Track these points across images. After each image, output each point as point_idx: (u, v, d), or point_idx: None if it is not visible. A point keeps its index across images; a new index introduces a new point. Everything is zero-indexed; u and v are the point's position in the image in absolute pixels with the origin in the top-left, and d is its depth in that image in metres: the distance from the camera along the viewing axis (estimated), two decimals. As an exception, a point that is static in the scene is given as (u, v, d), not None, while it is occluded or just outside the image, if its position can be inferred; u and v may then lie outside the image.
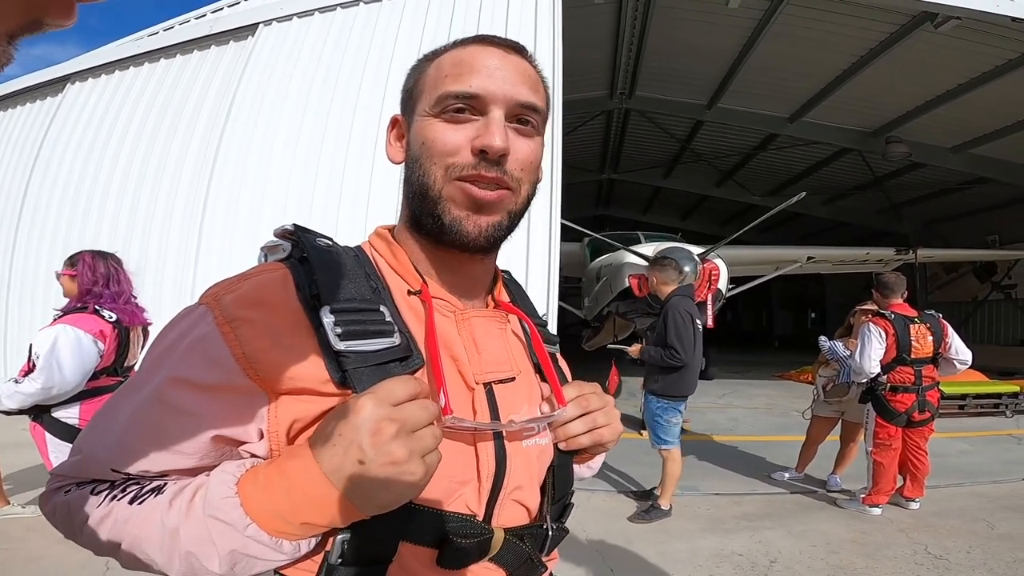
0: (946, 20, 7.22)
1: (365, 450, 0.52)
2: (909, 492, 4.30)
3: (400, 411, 0.54)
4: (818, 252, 11.70)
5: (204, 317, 0.61)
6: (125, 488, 0.61)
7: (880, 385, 4.16)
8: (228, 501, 0.55)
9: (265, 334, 0.59)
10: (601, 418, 0.80)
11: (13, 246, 8.09)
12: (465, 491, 0.67)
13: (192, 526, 0.56)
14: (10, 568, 2.91)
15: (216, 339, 0.59)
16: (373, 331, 0.62)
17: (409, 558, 0.62)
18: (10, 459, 4.17)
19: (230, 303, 0.60)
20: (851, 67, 9.41)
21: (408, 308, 0.69)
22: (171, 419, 0.59)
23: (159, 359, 0.63)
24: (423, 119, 0.70)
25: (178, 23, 8.30)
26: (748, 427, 7.33)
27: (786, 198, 6.86)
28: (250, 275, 0.64)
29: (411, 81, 0.75)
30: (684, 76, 10.78)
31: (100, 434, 0.64)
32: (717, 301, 7.43)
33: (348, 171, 6.06)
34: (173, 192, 6.94)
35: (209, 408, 0.59)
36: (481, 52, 0.70)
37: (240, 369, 0.58)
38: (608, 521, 3.95)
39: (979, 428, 7.29)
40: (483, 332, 0.74)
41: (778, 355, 18.70)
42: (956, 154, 11.91)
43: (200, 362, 0.59)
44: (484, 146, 0.66)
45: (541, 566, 0.74)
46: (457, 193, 0.67)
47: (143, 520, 0.58)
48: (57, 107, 8.62)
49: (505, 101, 0.68)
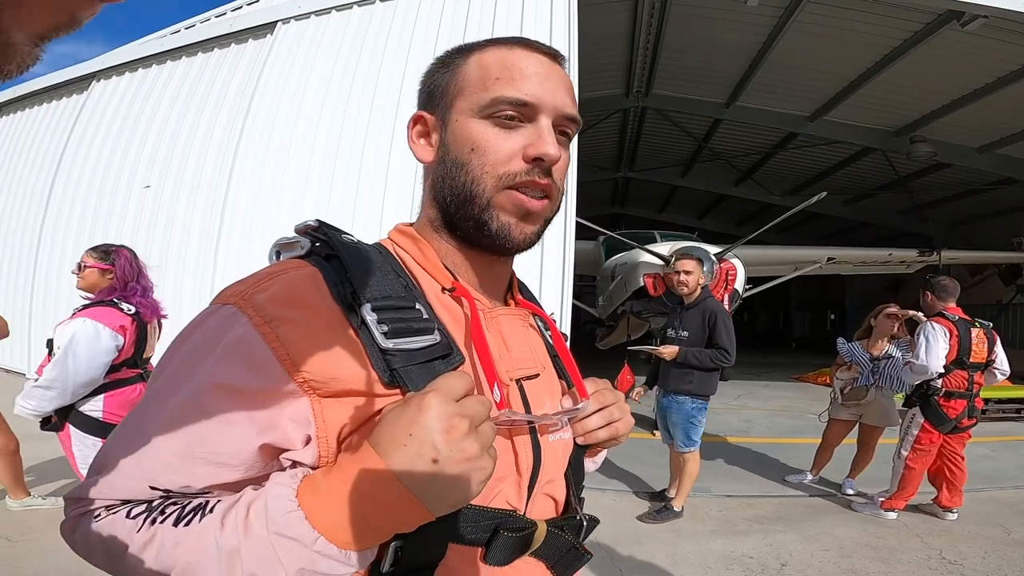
0: (973, 19, 7.07)
1: (439, 448, 0.51)
2: (947, 502, 4.13)
3: (465, 407, 0.53)
4: (839, 253, 11.53)
5: (236, 318, 0.57)
6: (164, 509, 0.56)
7: (934, 390, 4.04)
8: (292, 516, 0.51)
9: (307, 334, 0.57)
10: (616, 412, 0.82)
11: (38, 243, 8.29)
12: (504, 487, 0.67)
13: (254, 545, 0.51)
14: (29, 559, 2.96)
15: (256, 341, 0.56)
16: (416, 328, 0.61)
17: (454, 558, 0.62)
18: (31, 451, 4.27)
19: (265, 302, 0.57)
20: (874, 65, 9.24)
21: (441, 306, 0.69)
22: (213, 429, 0.55)
23: (189, 365, 0.59)
24: (469, 120, 0.69)
25: (199, 21, 8.44)
26: (762, 429, 7.27)
27: (806, 198, 6.78)
28: (276, 273, 0.61)
29: (443, 77, 0.73)
30: (702, 74, 10.67)
31: (132, 448, 0.58)
32: (733, 301, 7.38)
33: (365, 168, 6.11)
34: (195, 189, 7.05)
35: (253, 415, 0.55)
36: (529, 58, 0.70)
37: (285, 372, 0.55)
38: (618, 521, 3.95)
39: (1000, 433, 7.16)
40: (510, 330, 0.75)
41: (795, 357, 18.48)
42: (982, 154, 11.65)
43: (241, 366, 0.56)
44: (541, 154, 0.66)
45: (587, 554, 0.76)
46: (507, 201, 0.68)
47: (195, 543, 0.53)
48: (83, 104, 8.81)
49: (553, 111, 0.69)
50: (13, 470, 3.57)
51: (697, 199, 18.81)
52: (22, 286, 8.46)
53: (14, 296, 8.53)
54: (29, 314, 8.10)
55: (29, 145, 9.48)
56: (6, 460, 3.54)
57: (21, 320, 7.93)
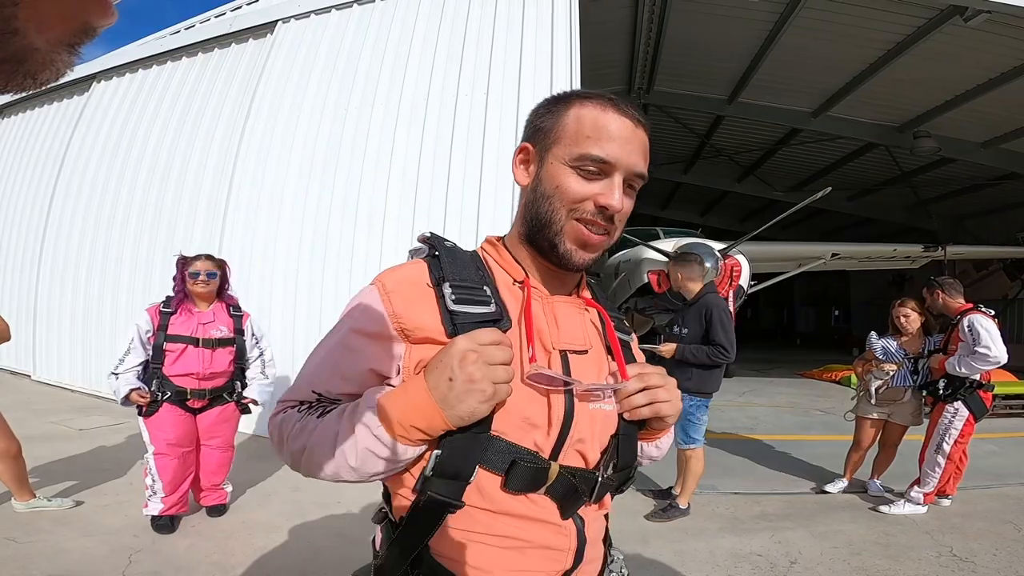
0: (976, 14, 7.00)
1: (453, 370, 0.76)
2: (950, 489, 4.33)
3: (482, 348, 0.77)
4: (843, 248, 11.47)
5: (373, 290, 0.89)
6: (312, 408, 0.88)
7: (978, 383, 4.14)
8: (369, 411, 0.80)
9: (407, 301, 0.86)
10: (663, 394, 0.94)
11: (41, 244, 8.29)
12: (535, 433, 0.86)
13: (346, 428, 0.80)
14: (36, 560, 2.96)
15: (378, 303, 0.87)
16: (477, 300, 0.86)
17: (484, 480, 0.83)
18: (36, 452, 4.26)
19: (388, 281, 0.89)
20: (877, 61, 9.15)
21: (508, 293, 0.92)
22: (347, 356, 0.88)
23: (345, 317, 0.91)
24: (560, 166, 0.88)
25: (199, 22, 8.41)
26: (768, 426, 7.23)
27: (809, 194, 6.74)
28: (403, 266, 0.93)
29: (547, 120, 0.92)
30: (704, 70, 10.61)
31: (307, 368, 0.92)
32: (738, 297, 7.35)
33: (367, 167, 6.09)
34: (196, 189, 7.04)
35: (370, 349, 0.86)
36: (616, 121, 0.87)
37: (391, 323, 0.85)
38: (625, 519, 3.92)
39: (1007, 429, 7.12)
40: (563, 313, 0.94)
41: (800, 353, 18.44)
42: (986, 149, 11.57)
43: (367, 318, 0.87)
44: (607, 205, 0.86)
45: (585, 495, 0.90)
46: (573, 231, 0.88)
47: (324, 428, 0.83)
48: (84, 105, 8.80)
49: (626, 170, 0.87)
50: (16, 473, 3.54)
51: (700, 195, 18.75)
52: (25, 288, 8.46)
53: (17, 298, 8.53)
54: (33, 316, 8.10)
55: (31, 147, 9.48)
56: (8, 463, 3.52)
57: (25, 322, 7.95)
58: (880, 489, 4.58)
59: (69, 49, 0.30)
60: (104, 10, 0.30)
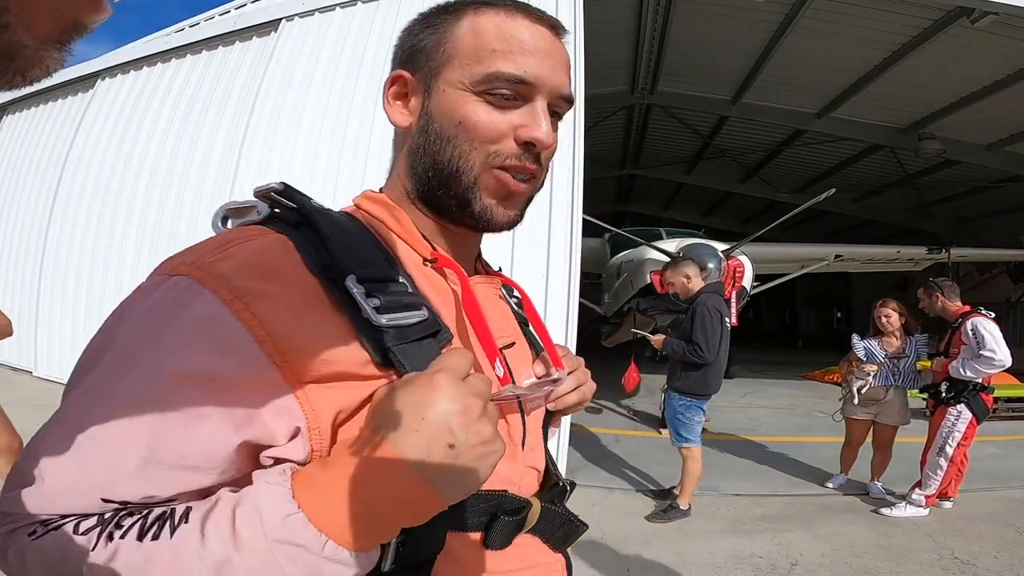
0: (983, 15, 6.97)
1: (456, 432, 0.46)
2: (952, 491, 4.34)
3: (474, 387, 0.49)
4: (846, 250, 11.45)
5: (195, 292, 0.49)
6: (120, 522, 0.46)
7: (980, 386, 4.13)
8: (293, 519, 0.44)
9: (287, 310, 0.49)
10: (582, 376, 0.81)
11: (45, 241, 8.31)
12: (504, 467, 0.60)
13: (248, 556, 0.43)
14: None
15: (227, 319, 0.47)
16: (405, 304, 0.56)
17: (455, 545, 0.58)
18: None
19: (232, 273, 0.49)
20: (883, 62, 9.12)
21: (423, 278, 0.64)
22: (182, 426, 0.46)
23: (135, 351, 0.48)
24: (458, 92, 0.63)
25: (203, 20, 8.42)
26: (770, 427, 7.22)
27: (813, 195, 6.72)
28: (237, 240, 0.53)
29: (428, 37, 0.66)
30: (708, 71, 10.58)
31: (73, 452, 0.46)
32: (741, 298, 7.33)
33: (370, 165, 6.09)
34: (199, 187, 7.05)
35: (230, 408, 0.47)
36: (531, 30, 0.64)
37: (264, 355, 0.48)
38: (625, 520, 3.92)
39: (1010, 432, 7.10)
40: (485, 299, 0.71)
41: (802, 355, 18.42)
42: (991, 152, 11.54)
43: (210, 349, 0.47)
44: (534, 139, 0.63)
45: (583, 525, 0.74)
46: (493, 182, 0.64)
47: (170, 559, 0.44)
48: (88, 103, 8.82)
49: (551, 92, 0.65)
50: (19, 468, 3.56)
51: (702, 196, 18.71)
52: (28, 283, 8.48)
53: (20, 294, 8.55)
54: (36, 311, 8.12)
55: (35, 143, 9.50)
56: (9, 459, 3.51)
57: (29, 318, 7.96)
58: (881, 491, 4.58)
59: (59, 46, 0.28)
60: (94, 5, 0.28)
